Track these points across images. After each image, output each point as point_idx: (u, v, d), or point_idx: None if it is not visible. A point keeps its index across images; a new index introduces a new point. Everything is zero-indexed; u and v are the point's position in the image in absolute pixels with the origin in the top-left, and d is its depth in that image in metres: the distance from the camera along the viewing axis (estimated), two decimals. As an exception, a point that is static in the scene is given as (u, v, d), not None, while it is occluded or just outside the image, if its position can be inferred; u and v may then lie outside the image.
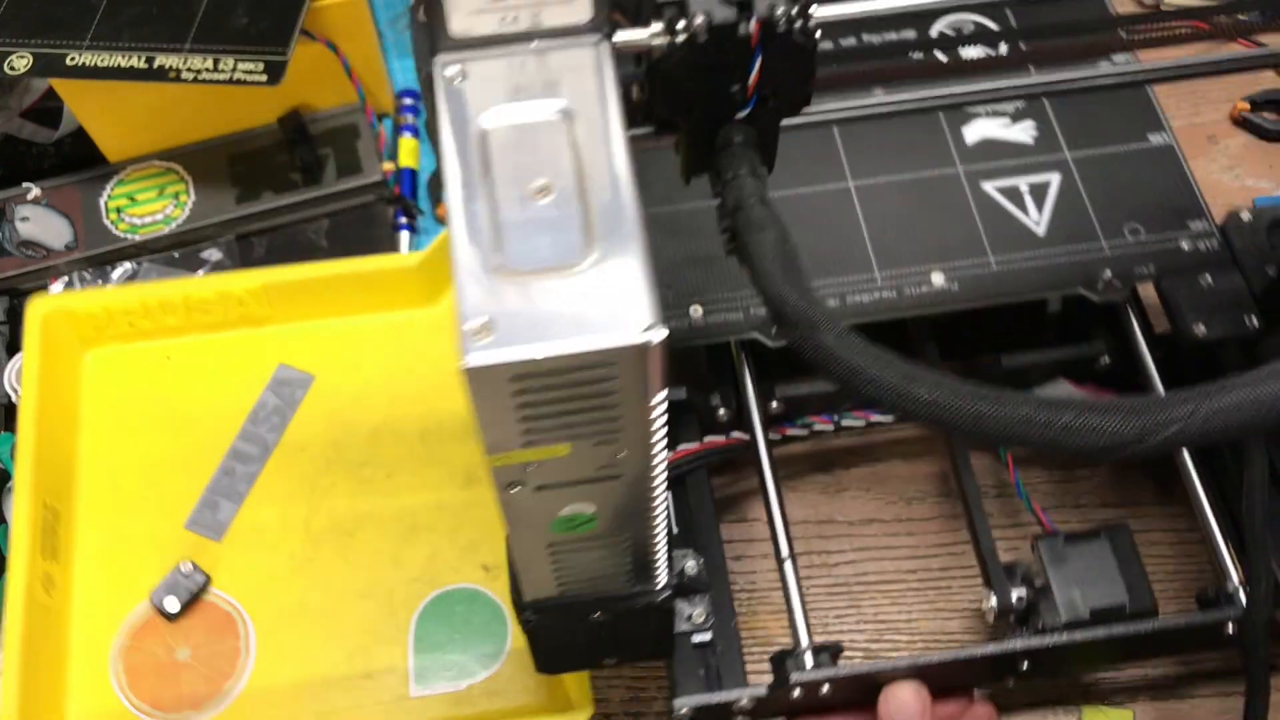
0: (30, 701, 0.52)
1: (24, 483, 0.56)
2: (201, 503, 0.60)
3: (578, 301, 0.30)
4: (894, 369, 0.34)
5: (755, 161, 0.40)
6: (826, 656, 0.49)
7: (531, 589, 0.43)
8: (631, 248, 0.31)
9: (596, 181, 0.33)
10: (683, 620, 0.51)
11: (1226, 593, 0.50)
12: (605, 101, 0.34)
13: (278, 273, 0.63)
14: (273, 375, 0.63)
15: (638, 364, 0.31)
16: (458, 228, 0.32)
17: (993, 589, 0.51)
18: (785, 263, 0.37)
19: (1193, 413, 0.31)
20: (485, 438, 0.33)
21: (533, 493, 0.36)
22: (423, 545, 0.59)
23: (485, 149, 0.33)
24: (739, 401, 0.56)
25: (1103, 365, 0.57)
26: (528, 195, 0.32)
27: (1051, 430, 0.32)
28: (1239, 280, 0.55)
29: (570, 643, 0.47)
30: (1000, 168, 0.59)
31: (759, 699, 0.49)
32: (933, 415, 0.33)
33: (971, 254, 0.56)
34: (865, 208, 0.58)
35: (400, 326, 0.65)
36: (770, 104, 0.40)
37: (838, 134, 0.60)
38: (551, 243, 0.32)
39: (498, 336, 0.30)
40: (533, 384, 0.31)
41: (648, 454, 0.35)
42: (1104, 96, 0.61)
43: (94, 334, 0.63)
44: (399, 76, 0.76)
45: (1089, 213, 0.57)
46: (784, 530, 0.52)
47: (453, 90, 0.35)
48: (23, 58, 0.62)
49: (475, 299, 0.30)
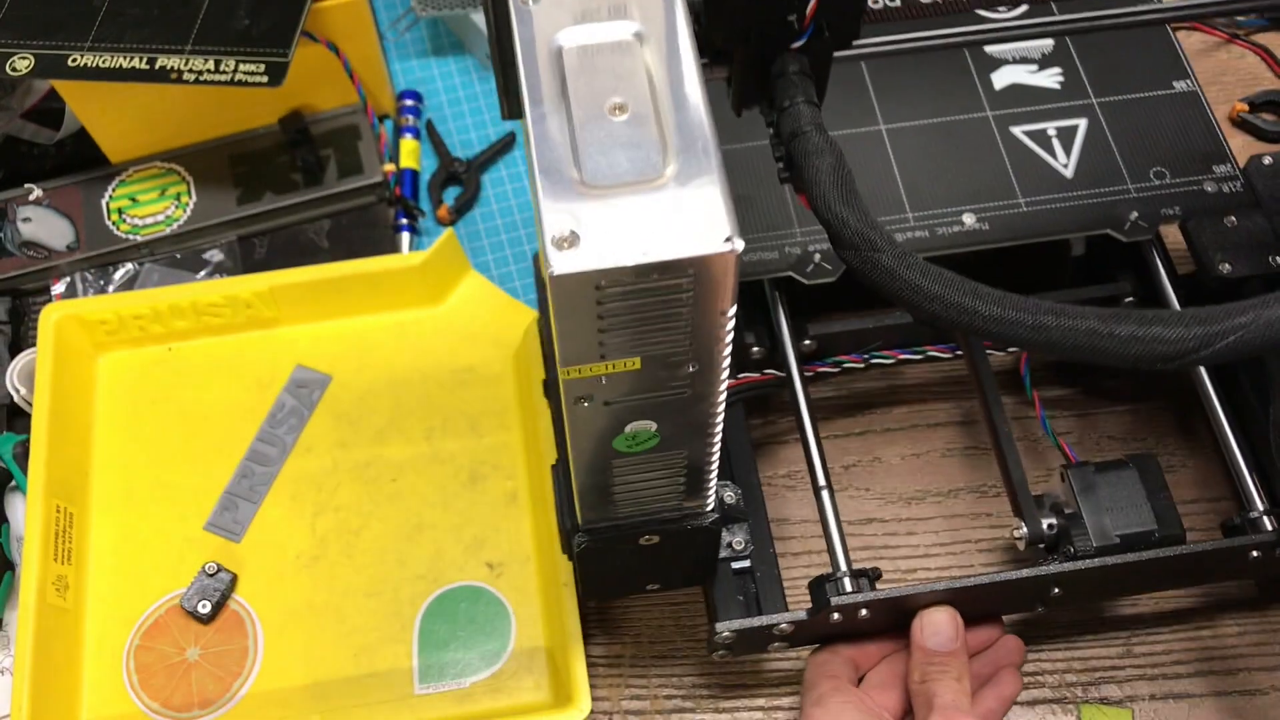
0: (43, 702, 0.53)
1: (36, 487, 0.57)
2: (221, 504, 0.60)
3: (658, 214, 0.32)
4: (957, 286, 0.35)
5: (811, 90, 0.41)
6: (865, 581, 0.50)
7: (587, 511, 0.44)
8: (708, 164, 0.32)
9: (670, 101, 0.34)
10: (723, 548, 0.52)
11: (1250, 519, 0.52)
12: (675, 24, 0.35)
13: (284, 275, 0.63)
14: (290, 376, 0.63)
15: (718, 273, 0.32)
16: (538, 144, 0.33)
17: (1023, 518, 0.52)
18: (844, 187, 0.38)
19: (1253, 320, 0.32)
20: (562, 349, 0.34)
21: (601, 408, 0.37)
22: (427, 544, 0.59)
23: (560, 68, 0.34)
24: (773, 340, 0.57)
25: (1128, 304, 0.58)
26: (605, 113, 0.33)
27: (1115, 341, 0.34)
28: (1262, 221, 0.56)
29: (617, 568, 0.48)
30: (1028, 113, 0.60)
31: (798, 623, 0.50)
32: (997, 329, 0.35)
33: (1002, 196, 0.57)
34: (897, 150, 0.59)
35: (405, 326, 0.65)
36: (825, 34, 0.41)
37: (869, 78, 0.61)
38: (629, 159, 0.32)
39: (583, 245, 0.31)
40: (614, 292, 0.32)
41: (715, 369, 0.36)
42: (1129, 44, 0.62)
43: (106, 339, 0.64)
44: (400, 78, 0.76)
45: (1115, 156, 0.58)
46: (820, 461, 0.53)
47: (524, 11, 0.35)
48: (25, 59, 0.61)
49: (558, 211, 0.31)
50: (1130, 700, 0.56)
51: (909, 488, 0.62)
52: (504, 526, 0.59)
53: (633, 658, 0.58)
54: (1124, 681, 0.56)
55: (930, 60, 0.61)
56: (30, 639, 0.53)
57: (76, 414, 0.62)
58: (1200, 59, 0.75)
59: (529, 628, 0.57)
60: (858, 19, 0.41)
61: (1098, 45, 0.62)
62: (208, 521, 0.59)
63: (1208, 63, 0.75)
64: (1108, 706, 0.56)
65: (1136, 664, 0.57)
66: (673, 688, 0.57)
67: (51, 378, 0.60)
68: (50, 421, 0.59)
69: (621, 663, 0.57)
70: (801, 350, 0.57)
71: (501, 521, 0.59)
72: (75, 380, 0.62)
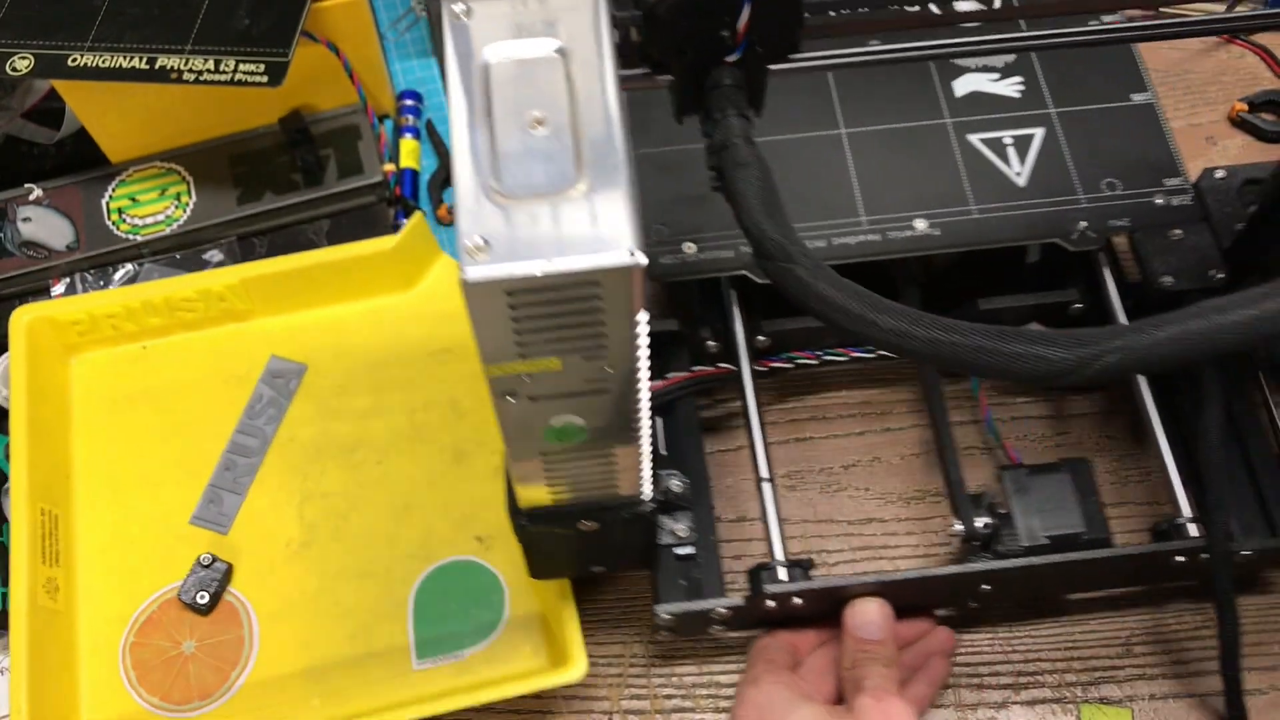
0: (41, 704, 0.54)
1: (20, 491, 0.57)
2: (205, 497, 0.61)
3: (567, 225, 0.33)
4: (862, 299, 0.37)
5: (742, 103, 0.43)
6: (799, 571, 0.52)
7: (526, 497, 0.46)
8: (618, 178, 0.34)
9: (588, 116, 0.35)
10: (667, 534, 0.54)
11: (1177, 525, 0.53)
12: (600, 41, 0.37)
13: (256, 266, 0.64)
14: (265, 368, 0.64)
15: (621, 284, 0.34)
16: (461, 155, 0.35)
17: (959, 516, 0.54)
18: (766, 199, 0.40)
19: (1126, 345, 0.34)
20: (483, 348, 0.36)
21: (527, 402, 0.39)
22: (416, 522, 0.60)
23: (487, 82, 0.36)
24: (728, 334, 0.59)
25: (1075, 310, 0.60)
26: (525, 126, 0.35)
27: (1002, 357, 0.35)
28: (1208, 235, 0.57)
29: (561, 550, 0.50)
30: (987, 120, 0.61)
31: (735, 608, 0.52)
32: (894, 341, 0.36)
33: (954, 202, 0.59)
34: (855, 154, 0.60)
35: (380, 312, 0.65)
36: (759, 50, 0.42)
37: (833, 83, 0.63)
38: (545, 171, 0.34)
39: (494, 254, 0.33)
40: (525, 299, 0.34)
41: (632, 371, 0.38)
42: (1090, 56, 0.63)
43: (78, 339, 0.64)
44: (400, 78, 0.76)
45: (1069, 166, 0.60)
46: (764, 454, 0.55)
47: (458, 26, 0.37)
48: (25, 59, 0.62)
49: (474, 220, 0.33)
50: (1130, 700, 0.56)
51: (909, 488, 0.62)
52: (491, 501, 0.60)
53: (633, 657, 0.58)
54: (1124, 681, 0.57)
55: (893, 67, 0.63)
56: (24, 642, 0.54)
57: (54, 416, 0.62)
58: (1199, 59, 0.76)
59: (522, 597, 0.58)
60: (793, 34, 0.43)
61: (1059, 55, 0.63)
62: (193, 515, 0.61)
63: (1207, 63, 0.75)
64: (1108, 706, 0.56)
65: (1136, 664, 0.57)
66: (673, 688, 0.58)
67: (27, 381, 0.60)
68: (29, 425, 0.59)
69: (621, 662, 0.58)
70: (755, 346, 0.59)
71: (488, 496, 0.60)
72: (50, 383, 0.63)
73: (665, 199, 0.59)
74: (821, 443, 0.63)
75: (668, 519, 0.55)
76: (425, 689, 0.56)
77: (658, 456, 0.57)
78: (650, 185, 0.59)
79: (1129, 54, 0.63)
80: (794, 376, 0.64)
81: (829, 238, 0.58)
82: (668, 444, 0.58)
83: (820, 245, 0.57)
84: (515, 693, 0.53)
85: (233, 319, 0.65)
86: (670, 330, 0.59)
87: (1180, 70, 0.75)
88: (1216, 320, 0.34)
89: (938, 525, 0.61)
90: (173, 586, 0.58)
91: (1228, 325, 0.34)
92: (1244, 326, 0.34)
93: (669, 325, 0.59)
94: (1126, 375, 0.35)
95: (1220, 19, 0.53)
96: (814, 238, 0.58)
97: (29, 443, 0.59)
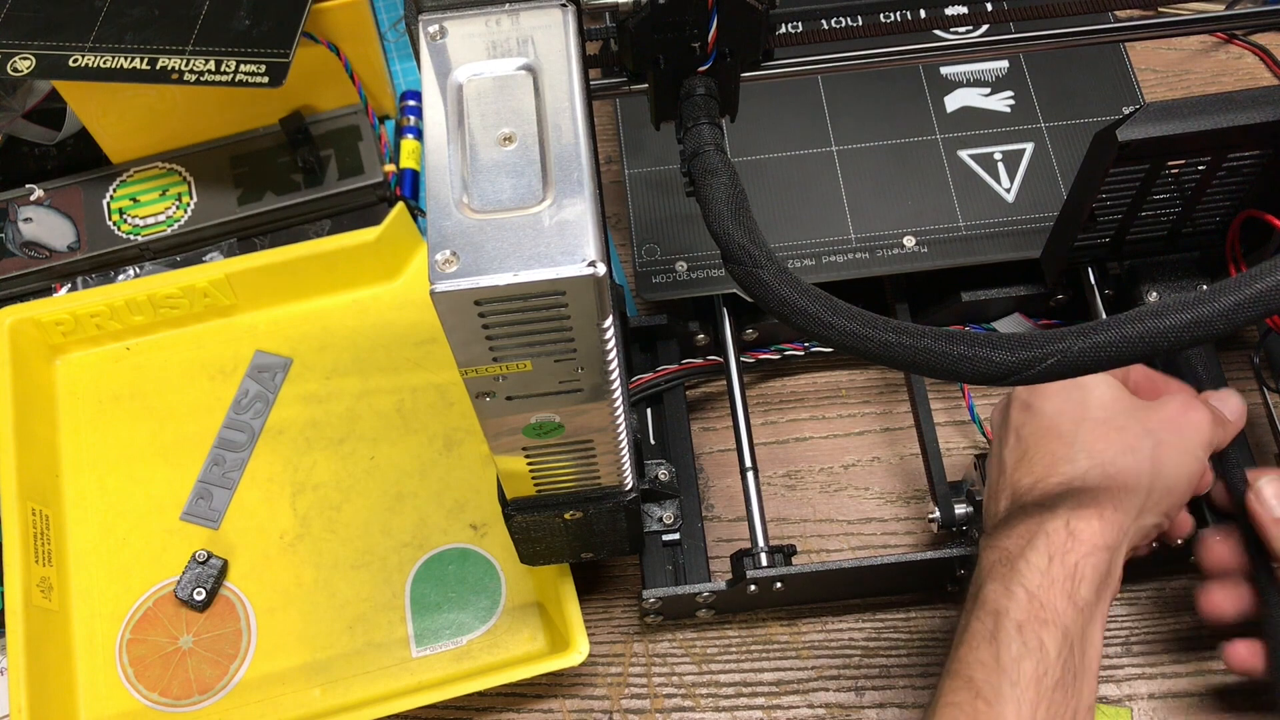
0: (40, 704, 0.54)
1: (10, 493, 0.57)
2: (195, 493, 0.61)
3: (533, 238, 0.35)
4: (820, 303, 0.39)
5: (714, 111, 0.44)
6: (780, 557, 0.54)
7: (512, 489, 0.48)
8: (582, 192, 0.36)
9: (556, 132, 0.37)
10: (654, 521, 0.56)
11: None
12: (569, 59, 0.39)
13: (239, 261, 0.64)
14: (251, 362, 0.64)
15: (584, 292, 0.35)
16: (434, 170, 0.37)
17: (937, 504, 0.56)
18: (735, 205, 0.42)
19: (1067, 349, 0.36)
20: (457, 354, 0.38)
21: (504, 402, 0.41)
22: (410, 512, 0.60)
23: (460, 100, 0.38)
24: (716, 328, 0.61)
25: (1057, 302, 0.61)
26: (495, 142, 0.37)
27: (948, 360, 0.37)
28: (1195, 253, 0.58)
29: (549, 538, 0.52)
30: (977, 136, 0.62)
31: (718, 593, 0.54)
32: (849, 343, 0.38)
33: (943, 219, 0.59)
34: (846, 171, 0.61)
35: (364, 304, 0.66)
36: (729, 59, 0.44)
37: (825, 99, 0.63)
38: (513, 186, 0.36)
39: (462, 266, 0.35)
40: (494, 308, 0.36)
41: (603, 371, 0.40)
42: (1081, 68, 0.63)
43: (62, 340, 0.64)
44: (400, 78, 0.77)
45: (1058, 182, 0.60)
46: (748, 445, 0.57)
47: (434, 46, 0.39)
48: (26, 59, 0.61)
49: (444, 233, 0.35)
50: (1130, 700, 0.56)
51: (909, 488, 0.62)
52: (484, 488, 0.60)
53: (633, 657, 0.59)
54: (1124, 681, 0.57)
55: (886, 82, 0.63)
56: (21, 642, 0.54)
57: (41, 417, 0.63)
58: (1199, 59, 0.75)
59: (519, 582, 0.59)
60: (762, 44, 0.44)
61: (1050, 68, 0.63)
62: (184, 511, 0.61)
63: (1206, 63, 0.75)
64: (1108, 706, 0.56)
65: (1136, 664, 0.57)
66: (673, 687, 0.58)
67: (12, 383, 0.61)
68: (16, 427, 0.60)
69: (622, 662, 0.59)
70: (743, 339, 0.61)
71: (481, 483, 0.61)
72: (36, 384, 0.63)
73: (658, 218, 0.60)
74: (822, 443, 0.63)
75: (655, 506, 0.57)
76: (426, 676, 0.57)
77: (646, 446, 0.60)
78: (643, 205, 0.60)
79: (1121, 65, 0.64)
80: (788, 370, 0.65)
81: (819, 256, 0.59)
82: (656, 434, 0.60)
83: (809, 263, 0.58)
84: (517, 678, 0.54)
85: (217, 314, 0.66)
86: (660, 324, 0.61)
87: (1179, 70, 0.75)
88: (1152, 325, 0.35)
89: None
90: (167, 583, 0.59)
91: (1162, 330, 0.35)
92: (1178, 331, 0.35)
93: (659, 319, 0.61)
94: (1068, 377, 0.36)
95: (1219, 18, 0.53)
96: (804, 255, 0.59)
97: (16, 444, 0.59)
